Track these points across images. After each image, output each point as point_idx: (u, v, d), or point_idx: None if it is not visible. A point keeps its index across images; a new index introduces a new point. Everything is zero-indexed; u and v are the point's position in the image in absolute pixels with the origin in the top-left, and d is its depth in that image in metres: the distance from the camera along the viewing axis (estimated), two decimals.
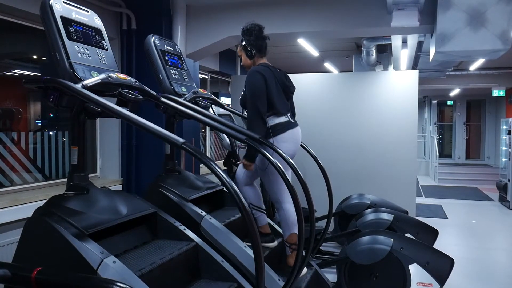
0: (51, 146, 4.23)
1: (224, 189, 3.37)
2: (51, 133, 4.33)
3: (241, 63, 3.40)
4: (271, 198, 3.32)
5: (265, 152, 2.45)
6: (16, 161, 3.93)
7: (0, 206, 3.33)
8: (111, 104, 1.99)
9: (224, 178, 1.73)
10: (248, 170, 3.14)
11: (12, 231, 3.39)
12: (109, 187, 4.42)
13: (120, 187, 4.75)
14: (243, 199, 1.77)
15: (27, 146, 4.05)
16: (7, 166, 3.83)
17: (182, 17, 4.91)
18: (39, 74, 4.55)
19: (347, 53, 8.96)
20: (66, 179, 4.19)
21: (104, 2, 4.51)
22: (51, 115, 4.58)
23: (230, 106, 4.95)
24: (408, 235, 3.93)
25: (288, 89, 3.29)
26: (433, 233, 4.10)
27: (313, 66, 10.39)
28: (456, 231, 6.81)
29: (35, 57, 4.63)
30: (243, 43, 3.26)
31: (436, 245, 3.87)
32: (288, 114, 3.22)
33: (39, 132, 4.32)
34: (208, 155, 7.19)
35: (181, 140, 1.78)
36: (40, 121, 4.57)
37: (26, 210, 3.41)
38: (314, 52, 8.03)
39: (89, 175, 2.43)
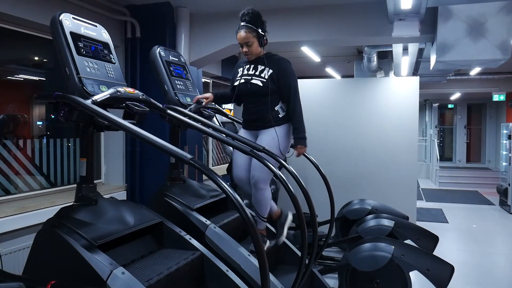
0: (57, 152, 4.28)
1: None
2: (57, 139, 4.38)
3: (249, 51, 3.13)
4: (260, 178, 3.09)
5: (270, 165, 2.50)
6: (22, 168, 3.98)
7: (8, 214, 3.38)
8: (121, 120, 2.05)
9: (231, 194, 1.78)
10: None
11: (19, 238, 3.44)
12: (113, 193, 4.50)
13: (124, 193, 4.80)
14: (249, 214, 1.82)
15: (33, 152, 4.11)
16: (12, 173, 3.88)
17: (186, 25, 4.96)
18: (44, 79, 4.62)
19: (348, 59, 9.01)
20: (71, 185, 4.27)
21: (109, 11, 4.58)
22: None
23: (232, 112, 5.01)
24: (408, 241, 3.98)
25: None
26: (434, 239, 4.13)
27: (315, 71, 10.43)
28: (457, 236, 6.85)
29: (38, 61, 4.68)
30: (260, 31, 3.09)
31: (437, 250, 3.91)
32: None
33: (44, 138, 4.37)
34: (210, 158, 7.25)
35: (189, 156, 1.84)
36: (41, 124, 4.60)
37: (33, 218, 3.49)
38: (316, 58, 8.08)
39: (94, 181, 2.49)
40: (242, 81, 3.20)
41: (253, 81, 3.14)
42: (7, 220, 3.36)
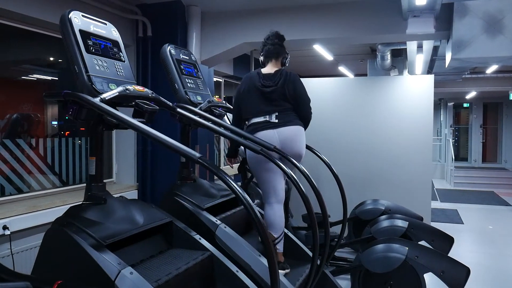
0: (68, 151, 4.30)
1: None
2: (69, 138, 4.40)
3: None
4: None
5: (280, 163, 2.46)
6: (34, 167, 4.00)
7: (19, 212, 3.40)
8: (129, 118, 2.02)
9: (241, 193, 1.75)
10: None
11: (31, 237, 3.46)
12: (125, 192, 4.50)
13: (135, 192, 4.80)
14: (257, 213, 1.78)
15: (45, 151, 4.13)
16: (25, 172, 3.91)
17: (197, 24, 4.95)
18: (57, 79, 4.64)
19: (361, 57, 8.93)
20: (82, 185, 4.29)
21: (121, 10, 4.58)
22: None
23: None
24: (423, 242, 3.91)
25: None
26: (449, 241, 4.05)
27: (327, 70, 10.37)
28: (472, 237, 6.73)
29: (53, 61, 4.71)
30: None
31: (452, 252, 3.83)
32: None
33: (57, 138, 4.39)
34: (222, 158, 7.24)
35: (197, 154, 1.80)
36: (55, 123, 4.64)
37: (45, 216, 3.50)
38: (329, 56, 8.01)
39: (105, 180, 2.47)
40: None
41: None
42: (19, 219, 3.38)
